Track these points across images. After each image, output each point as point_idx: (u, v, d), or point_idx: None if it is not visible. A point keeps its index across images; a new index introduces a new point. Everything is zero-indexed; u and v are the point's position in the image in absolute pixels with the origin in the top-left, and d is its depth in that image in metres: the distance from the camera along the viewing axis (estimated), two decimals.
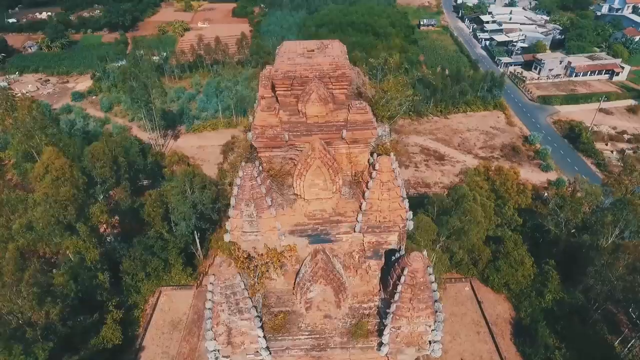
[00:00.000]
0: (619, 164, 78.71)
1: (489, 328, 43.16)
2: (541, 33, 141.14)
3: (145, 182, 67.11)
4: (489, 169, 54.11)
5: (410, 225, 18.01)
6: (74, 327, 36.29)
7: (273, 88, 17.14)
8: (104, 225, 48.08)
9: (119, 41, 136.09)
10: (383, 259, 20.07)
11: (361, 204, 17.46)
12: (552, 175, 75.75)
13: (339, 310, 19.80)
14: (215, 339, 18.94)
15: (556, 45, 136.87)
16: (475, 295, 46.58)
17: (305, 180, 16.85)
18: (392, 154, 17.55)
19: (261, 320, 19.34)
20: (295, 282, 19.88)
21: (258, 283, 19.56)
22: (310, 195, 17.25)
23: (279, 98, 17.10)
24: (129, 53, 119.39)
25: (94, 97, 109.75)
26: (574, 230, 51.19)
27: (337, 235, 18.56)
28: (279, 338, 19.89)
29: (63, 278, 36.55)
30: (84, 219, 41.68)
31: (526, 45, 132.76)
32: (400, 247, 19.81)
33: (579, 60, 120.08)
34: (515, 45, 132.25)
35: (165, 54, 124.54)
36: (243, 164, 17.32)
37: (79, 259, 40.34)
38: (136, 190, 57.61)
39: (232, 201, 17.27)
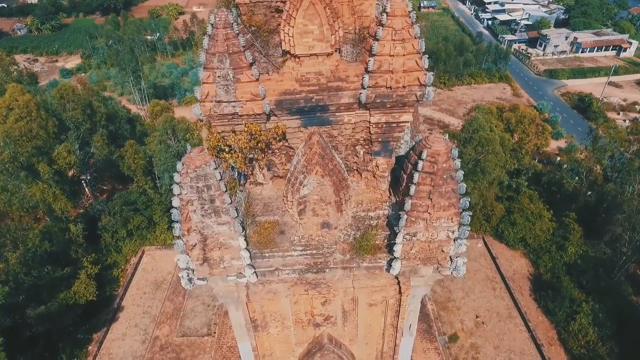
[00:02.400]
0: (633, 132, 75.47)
1: (506, 284, 39.19)
2: (545, 12, 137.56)
3: None
4: (503, 109, 49.03)
5: (430, 94, 14.00)
6: (40, 277, 32.49)
7: None
8: (71, 168, 43.15)
9: (109, 20, 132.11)
10: (393, 157, 16.25)
11: (367, 62, 13.50)
12: (563, 144, 72.19)
13: (340, 215, 15.68)
14: (187, 253, 15.06)
15: (560, 25, 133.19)
16: (490, 251, 42.64)
17: (296, 26, 12.75)
18: None
19: (244, 229, 15.50)
20: (286, 181, 16.02)
21: (240, 181, 15.76)
22: (302, 48, 13.15)
23: None
24: (120, 32, 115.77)
25: (82, 74, 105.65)
26: (590, 193, 47.60)
27: (337, 114, 14.57)
28: (266, 254, 15.90)
29: (24, 221, 32.62)
30: (47, 160, 37.54)
31: (530, 23, 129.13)
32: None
33: (585, 37, 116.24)
34: (519, 23, 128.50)
35: (158, 33, 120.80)
36: (215, 10, 13.49)
37: (47, 207, 36.33)
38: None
39: (202, 57, 13.33)
